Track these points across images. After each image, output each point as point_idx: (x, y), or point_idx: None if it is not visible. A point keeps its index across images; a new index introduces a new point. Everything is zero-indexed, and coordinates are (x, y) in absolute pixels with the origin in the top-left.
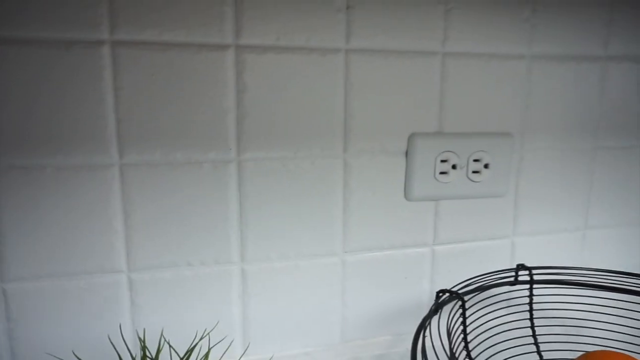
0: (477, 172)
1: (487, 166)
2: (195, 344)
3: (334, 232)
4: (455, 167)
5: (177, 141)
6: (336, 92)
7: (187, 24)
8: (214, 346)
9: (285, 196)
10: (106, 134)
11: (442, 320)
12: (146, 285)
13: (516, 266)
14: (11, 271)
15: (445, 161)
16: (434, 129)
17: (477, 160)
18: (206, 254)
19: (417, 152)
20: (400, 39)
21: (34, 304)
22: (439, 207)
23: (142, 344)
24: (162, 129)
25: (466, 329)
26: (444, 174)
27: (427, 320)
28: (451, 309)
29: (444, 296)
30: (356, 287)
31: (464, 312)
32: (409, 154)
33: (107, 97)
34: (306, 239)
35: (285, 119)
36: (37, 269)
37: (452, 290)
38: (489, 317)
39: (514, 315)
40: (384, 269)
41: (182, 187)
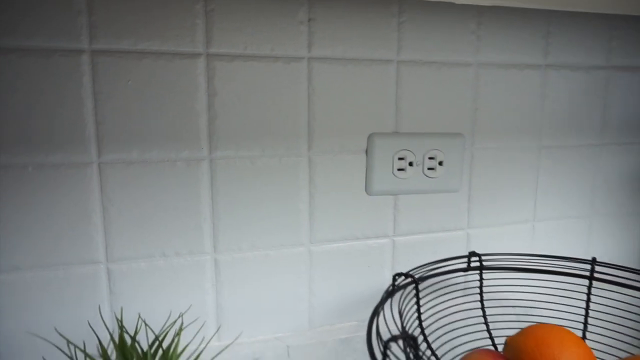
0: (432, 169)
1: (441, 163)
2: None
3: (300, 224)
4: (411, 164)
5: (153, 141)
6: (300, 96)
7: (162, 34)
8: (187, 326)
9: (254, 191)
10: (85, 134)
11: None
12: (124, 275)
13: (468, 253)
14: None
15: (402, 159)
16: (391, 129)
17: (432, 158)
18: (180, 246)
19: (376, 150)
20: (358, 48)
21: (17, 294)
22: (398, 201)
23: (120, 323)
24: (138, 129)
25: (420, 309)
26: (402, 170)
27: (385, 300)
28: (407, 293)
29: (399, 279)
30: (322, 276)
31: (417, 293)
32: (368, 152)
33: (87, 101)
34: (275, 230)
35: (253, 120)
36: (20, 261)
37: (407, 273)
38: (442, 299)
39: (466, 297)
40: (348, 258)
41: (157, 183)
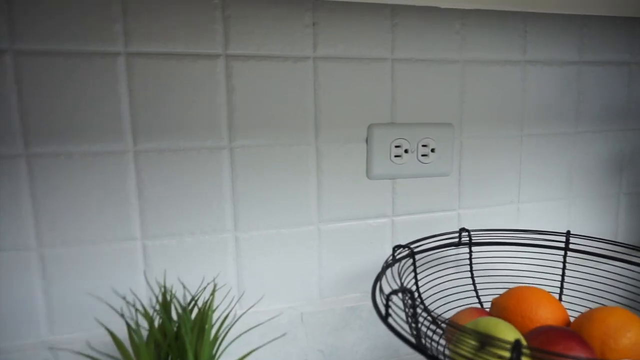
0: (425, 155)
1: (433, 150)
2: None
3: (310, 205)
4: (407, 151)
5: (180, 132)
6: (307, 91)
7: (186, 38)
8: (219, 289)
9: (269, 177)
10: (122, 126)
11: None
12: (157, 250)
13: (459, 229)
14: (46, 239)
15: (398, 146)
16: (388, 120)
17: (425, 145)
18: (206, 224)
19: (375, 139)
20: (357, 48)
21: (65, 266)
22: (395, 184)
23: (163, 284)
24: (168, 122)
25: (417, 276)
26: (398, 157)
27: (387, 267)
28: (405, 263)
29: (398, 250)
30: (330, 252)
31: (414, 262)
32: (368, 141)
33: (123, 98)
34: (287, 211)
35: (266, 113)
36: (67, 237)
37: (405, 245)
38: (436, 269)
39: (457, 268)
40: (353, 236)
41: (184, 169)
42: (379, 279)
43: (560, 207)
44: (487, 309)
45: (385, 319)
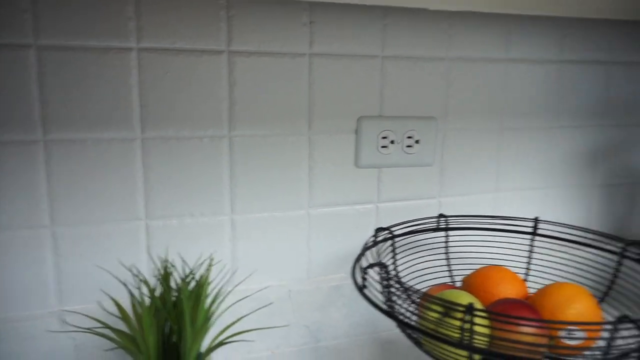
0: (410, 146)
1: (417, 142)
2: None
3: (301, 191)
4: (393, 142)
5: (185, 121)
6: (302, 86)
7: (193, 35)
8: (215, 264)
9: (265, 164)
10: (132, 115)
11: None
12: (159, 229)
13: (438, 215)
14: (60, 218)
15: (385, 138)
16: (377, 113)
17: (410, 137)
18: (205, 207)
19: (364, 130)
20: (350, 45)
21: (77, 244)
22: (381, 173)
23: (165, 259)
24: (174, 112)
25: (395, 256)
26: (385, 147)
27: (368, 247)
28: (386, 244)
29: (380, 232)
30: (319, 234)
31: (393, 243)
32: (357, 132)
33: (133, 89)
34: (280, 196)
35: (264, 105)
36: (78, 217)
37: (386, 227)
38: (415, 250)
39: (435, 250)
40: (340, 221)
41: (187, 156)
42: (359, 256)
43: (537, 196)
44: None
45: (361, 289)
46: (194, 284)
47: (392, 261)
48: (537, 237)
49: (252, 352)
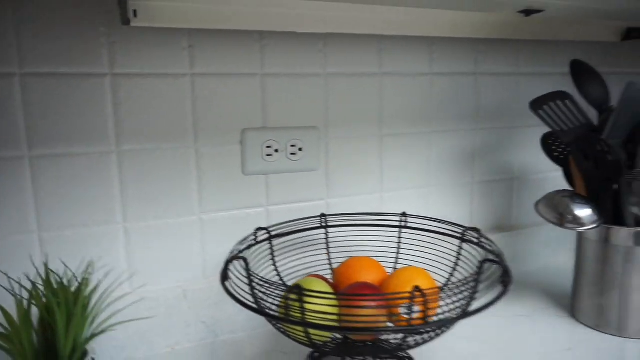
0: (294, 154)
1: (301, 150)
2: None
3: (192, 199)
4: (277, 150)
5: (73, 139)
6: (186, 103)
7: (76, 60)
8: (110, 272)
9: (155, 175)
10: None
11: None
12: (53, 240)
13: (320, 214)
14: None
15: (269, 147)
16: (260, 125)
17: (294, 145)
18: (97, 217)
19: (248, 141)
20: (230, 65)
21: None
22: (268, 179)
23: (45, 264)
24: (62, 131)
25: (274, 254)
26: (270, 155)
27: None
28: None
29: (258, 232)
30: (212, 237)
31: (270, 240)
32: (242, 142)
33: (18, 112)
34: (172, 204)
35: (152, 122)
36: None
37: (266, 227)
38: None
39: (318, 246)
40: (232, 224)
41: (78, 171)
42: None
43: (420, 195)
44: None
45: (222, 281)
46: (76, 286)
47: (270, 257)
48: (403, 230)
49: (154, 349)
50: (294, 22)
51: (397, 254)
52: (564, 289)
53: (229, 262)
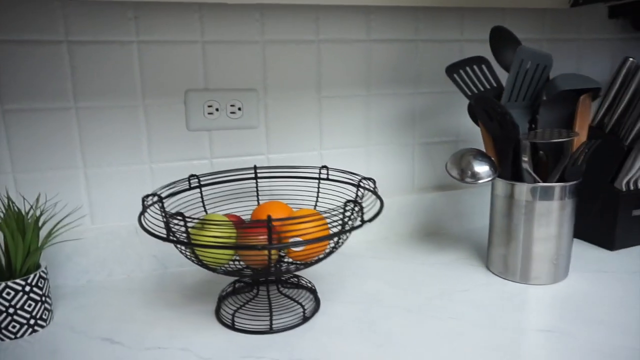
0: (234, 112)
1: (240, 109)
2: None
3: (142, 150)
4: (218, 109)
5: (37, 97)
6: (134, 67)
7: (36, 29)
8: (69, 213)
9: (110, 128)
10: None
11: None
12: (26, 181)
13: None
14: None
15: (211, 106)
16: (202, 86)
17: (233, 105)
18: (61, 162)
19: (190, 101)
20: (173, 34)
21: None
22: (212, 134)
23: (6, 196)
24: (27, 89)
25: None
26: (211, 114)
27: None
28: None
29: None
30: (161, 184)
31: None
32: (186, 102)
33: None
34: (125, 154)
35: (104, 83)
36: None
37: (197, 175)
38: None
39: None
40: (180, 173)
41: (43, 125)
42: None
43: (360, 154)
44: None
45: (139, 219)
46: (32, 214)
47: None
48: (322, 181)
49: (112, 275)
50: None
51: (316, 201)
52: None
53: (144, 199)
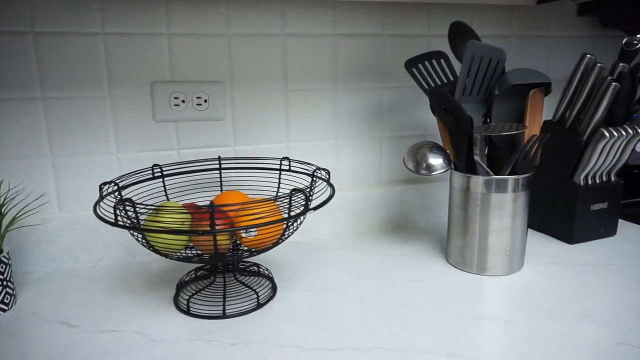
0: (200, 104)
1: (206, 101)
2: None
3: (109, 140)
4: (184, 101)
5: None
6: (100, 58)
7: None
8: (40, 205)
9: (78, 119)
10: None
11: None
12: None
13: (153, 165)
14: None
15: (177, 98)
16: (168, 79)
17: (199, 97)
18: (29, 152)
19: (157, 93)
20: (139, 26)
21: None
22: (178, 126)
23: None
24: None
25: (166, 190)
26: (177, 105)
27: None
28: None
29: (155, 169)
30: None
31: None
32: (152, 94)
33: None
34: (93, 145)
35: (71, 74)
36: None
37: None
38: (195, 186)
39: (212, 187)
40: (147, 164)
41: (12, 115)
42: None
43: (328, 147)
44: None
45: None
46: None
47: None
48: (284, 172)
49: (79, 263)
50: None
51: (277, 191)
52: None
53: (101, 186)
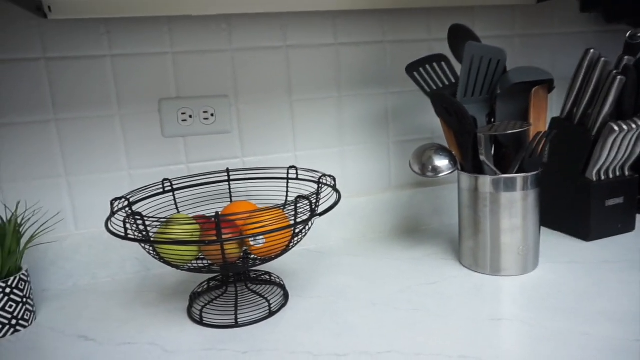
0: (207, 119)
1: (213, 115)
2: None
3: (120, 157)
4: (191, 116)
5: (14, 112)
6: (108, 79)
7: (12, 46)
8: (55, 222)
9: (89, 138)
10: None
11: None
12: (17, 191)
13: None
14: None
15: (184, 113)
16: (174, 95)
17: (206, 111)
18: (44, 172)
19: (164, 109)
20: (143, 47)
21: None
22: (186, 140)
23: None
24: (7, 106)
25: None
26: (185, 121)
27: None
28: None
29: (165, 183)
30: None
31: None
32: (160, 110)
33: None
34: (105, 161)
35: (80, 95)
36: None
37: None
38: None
39: (222, 199)
40: (158, 179)
41: (26, 138)
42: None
43: (335, 154)
44: None
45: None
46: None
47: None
48: (291, 181)
49: (97, 278)
50: (193, 6)
51: (286, 200)
52: None
53: (112, 202)
